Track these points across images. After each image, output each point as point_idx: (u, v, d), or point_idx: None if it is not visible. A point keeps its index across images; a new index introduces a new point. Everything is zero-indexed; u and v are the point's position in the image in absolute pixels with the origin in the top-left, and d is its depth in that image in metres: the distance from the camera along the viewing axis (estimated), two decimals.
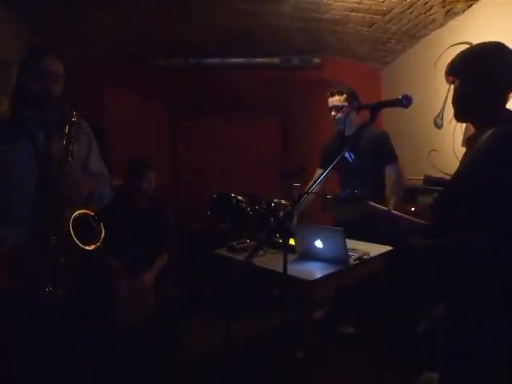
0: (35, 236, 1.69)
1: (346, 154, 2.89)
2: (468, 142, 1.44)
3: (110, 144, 4.01)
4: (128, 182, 2.86)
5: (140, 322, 2.59)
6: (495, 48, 1.37)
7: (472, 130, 1.48)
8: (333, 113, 2.85)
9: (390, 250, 2.50)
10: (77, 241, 1.66)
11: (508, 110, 1.38)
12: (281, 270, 1.50)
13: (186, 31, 3.80)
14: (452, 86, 1.49)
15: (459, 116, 1.46)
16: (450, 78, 1.46)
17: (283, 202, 2.88)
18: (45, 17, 3.28)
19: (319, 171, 3.06)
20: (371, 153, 2.81)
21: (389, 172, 2.88)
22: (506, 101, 1.38)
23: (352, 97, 2.82)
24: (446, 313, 1.46)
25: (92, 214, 1.74)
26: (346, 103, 2.80)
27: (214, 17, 3.52)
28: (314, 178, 3.01)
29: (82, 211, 1.71)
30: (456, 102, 1.44)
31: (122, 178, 2.94)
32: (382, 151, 2.81)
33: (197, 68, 4.36)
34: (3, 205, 1.72)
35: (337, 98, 2.81)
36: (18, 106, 1.83)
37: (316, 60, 4.37)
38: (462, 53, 1.42)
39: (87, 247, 1.70)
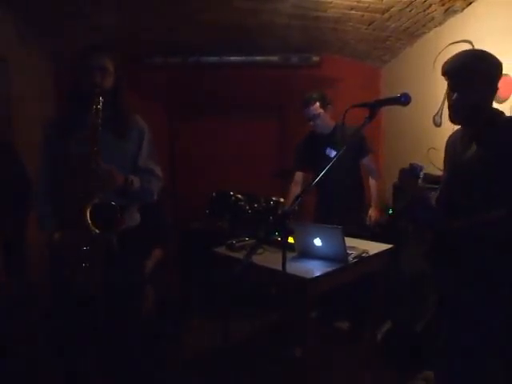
0: (68, 224, 1.80)
1: (328, 151, 3.04)
2: (472, 137, 1.58)
3: None
4: None
5: (140, 322, 2.59)
6: (488, 57, 1.56)
7: None
8: (311, 123, 3.05)
9: (390, 248, 2.50)
10: (94, 228, 1.71)
11: (497, 109, 1.61)
12: (280, 268, 1.50)
13: (184, 30, 3.79)
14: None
15: (459, 120, 1.62)
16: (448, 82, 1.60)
17: (282, 200, 2.89)
18: (44, 16, 3.27)
19: (299, 174, 3.25)
20: (351, 147, 2.92)
21: (366, 164, 3.16)
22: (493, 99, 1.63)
23: (324, 101, 3.02)
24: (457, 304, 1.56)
25: (113, 203, 1.76)
26: (321, 110, 3.00)
27: (212, 15, 3.51)
28: (296, 180, 3.25)
29: (99, 201, 1.74)
30: (457, 109, 1.58)
31: None
32: (360, 145, 3.04)
33: (195, 66, 4.35)
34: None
35: (311, 108, 2.99)
36: (69, 102, 1.94)
37: (315, 58, 4.36)
38: (461, 60, 1.57)
39: (108, 234, 1.76)
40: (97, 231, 1.70)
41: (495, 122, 1.54)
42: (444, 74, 1.59)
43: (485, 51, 1.59)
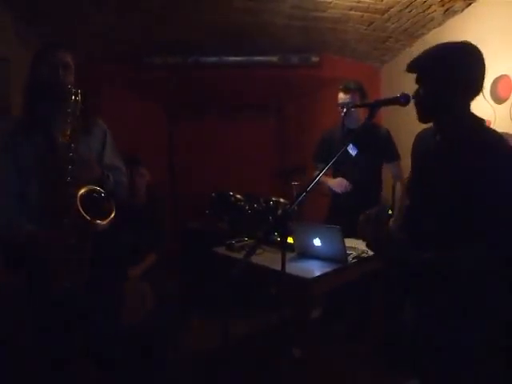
0: (46, 222, 1.75)
1: (350, 148, 2.90)
2: (440, 147, 1.41)
3: None
4: None
5: (139, 322, 2.59)
6: (465, 49, 1.35)
7: None
8: (343, 110, 2.86)
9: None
10: (85, 215, 1.69)
11: (477, 117, 1.37)
12: (279, 268, 1.50)
13: (184, 30, 3.80)
14: None
15: (422, 119, 1.45)
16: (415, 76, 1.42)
17: (281, 200, 2.88)
18: (44, 16, 3.27)
19: (322, 165, 3.06)
20: (376, 150, 2.86)
21: (393, 170, 2.96)
22: (471, 100, 1.36)
23: (363, 94, 2.86)
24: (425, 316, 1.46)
25: (101, 190, 1.77)
26: (358, 101, 2.82)
27: (212, 15, 3.51)
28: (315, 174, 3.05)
29: (90, 187, 1.74)
30: (419, 104, 1.42)
31: None
32: (386, 149, 2.89)
33: (195, 66, 4.35)
34: (22, 198, 1.80)
35: (350, 95, 2.82)
36: (32, 100, 1.87)
37: (315, 58, 4.36)
38: (429, 52, 1.40)
39: (99, 222, 1.74)
40: (87, 217, 1.69)
41: (473, 139, 1.30)
42: (409, 68, 1.41)
43: (464, 43, 1.38)
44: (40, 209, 1.79)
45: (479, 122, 1.36)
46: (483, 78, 1.34)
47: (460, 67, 1.32)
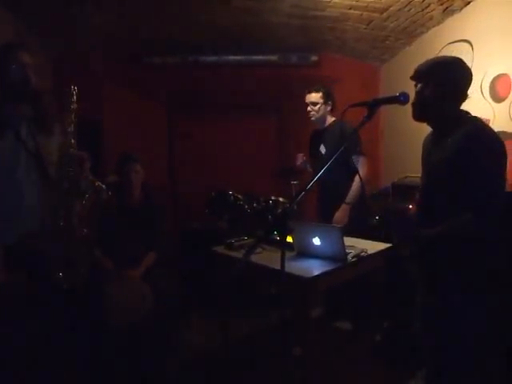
0: (45, 222, 1.81)
1: (321, 148, 3.10)
2: (435, 140, 1.69)
3: (108, 141, 4.01)
4: (119, 175, 2.86)
5: (139, 322, 2.58)
6: (458, 62, 1.61)
7: None
8: (309, 108, 3.07)
9: (389, 247, 2.50)
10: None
11: (463, 110, 1.62)
12: (279, 267, 1.49)
13: (183, 29, 3.80)
14: None
15: (418, 116, 1.67)
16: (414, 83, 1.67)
17: (281, 199, 2.88)
18: (44, 16, 3.27)
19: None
20: (339, 146, 2.83)
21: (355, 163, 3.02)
22: (460, 104, 1.62)
23: (327, 95, 3.05)
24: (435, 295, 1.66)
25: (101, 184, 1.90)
26: (321, 100, 3.04)
27: (211, 14, 3.51)
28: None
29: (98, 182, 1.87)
30: (417, 104, 1.63)
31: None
32: (351, 143, 2.93)
33: (194, 66, 4.35)
34: None
35: (313, 94, 3.05)
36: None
37: (314, 57, 4.37)
38: (429, 61, 1.65)
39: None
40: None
41: (459, 125, 1.56)
42: (411, 78, 1.68)
43: (456, 58, 1.64)
44: (42, 207, 1.83)
45: (464, 115, 1.60)
46: (468, 87, 1.62)
47: (451, 79, 1.58)
